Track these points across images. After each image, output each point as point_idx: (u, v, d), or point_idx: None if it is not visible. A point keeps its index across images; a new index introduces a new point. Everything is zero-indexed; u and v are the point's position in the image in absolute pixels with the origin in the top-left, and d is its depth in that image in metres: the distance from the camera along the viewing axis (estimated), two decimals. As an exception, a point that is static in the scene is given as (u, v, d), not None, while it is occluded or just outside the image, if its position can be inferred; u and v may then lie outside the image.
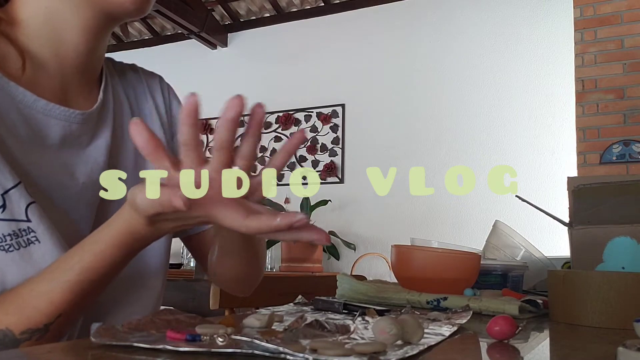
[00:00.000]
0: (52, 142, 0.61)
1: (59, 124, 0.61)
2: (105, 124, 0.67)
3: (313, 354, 0.34)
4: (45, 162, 0.60)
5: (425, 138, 3.76)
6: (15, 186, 0.55)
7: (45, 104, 0.60)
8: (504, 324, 0.47)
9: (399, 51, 3.94)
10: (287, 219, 0.45)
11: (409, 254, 0.84)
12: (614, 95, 3.12)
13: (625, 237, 0.71)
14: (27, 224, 0.56)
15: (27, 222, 0.56)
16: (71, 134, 0.63)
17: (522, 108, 3.54)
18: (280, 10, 4.35)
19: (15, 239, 0.55)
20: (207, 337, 0.40)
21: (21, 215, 0.56)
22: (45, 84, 0.62)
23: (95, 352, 0.39)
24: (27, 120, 0.59)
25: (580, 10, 3.24)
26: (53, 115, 0.61)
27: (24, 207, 0.56)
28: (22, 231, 0.56)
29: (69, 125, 0.62)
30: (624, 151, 3.04)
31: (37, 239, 0.57)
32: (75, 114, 0.63)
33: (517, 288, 0.94)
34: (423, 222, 3.65)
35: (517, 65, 3.59)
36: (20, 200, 0.56)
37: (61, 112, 0.62)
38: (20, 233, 0.55)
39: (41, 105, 0.60)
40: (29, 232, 0.56)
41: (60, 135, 0.62)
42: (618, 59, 3.13)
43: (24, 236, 0.56)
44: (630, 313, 0.56)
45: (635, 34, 3.11)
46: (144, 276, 0.71)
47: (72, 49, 0.63)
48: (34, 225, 0.56)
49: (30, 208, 0.56)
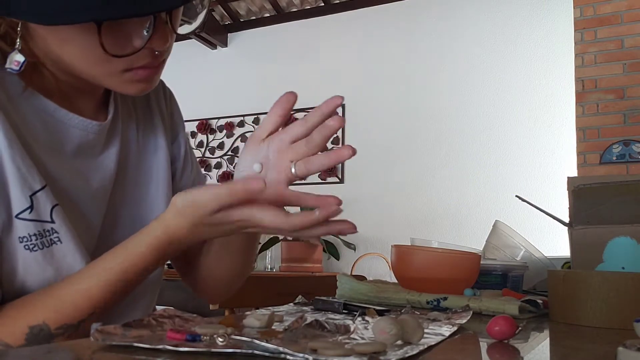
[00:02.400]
0: (69, 149, 0.64)
1: (76, 132, 0.64)
2: (116, 133, 0.70)
3: (313, 354, 0.34)
4: (63, 168, 0.62)
5: (425, 138, 3.76)
6: (42, 188, 0.58)
7: (65, 113, 0.63)
8: (504, 324, 0.47)
9: (399, 51, 3.94)
10: (325, 211, 0.49)
11: (409, 254, 0.84)
12: (614, 95, 3.12)
13: (625, 237, 0.71)
14: (51, 225, 0.58)
15: (52, 224, 0.58)
16: (87, 143, 0.65)
17: (522, 108, 3.54)
18: (280, 10, 4.35)
19: (40, 239, 0.57)
20: (207, 337, 0.40)
21: (46, 216, 0.58)
22: (60, 93, 0.64)
23: (95, 352, 0.39)
24: (48, 127, 0.62)
25: (580, 10, 3.24)
26: (72, 124, 0.63)
27: (50, 208, 0.58)
28: (47, 232, 0.58)
29: (86, 134, 0.65)
30: (624, 151, 3.04)
31: (60, 239, 0.59)
32: (93, 125, 0.65)
33: (517, 288, 0.94)
34: (423, 222, 3.65)
35: (517, 65, 3.59)
36: (46, 202, 0.58)
37: (80, 122, 0.64)
38: (45, 233, 0.58)
39: (62, 115, 0.62)
40: (52, 232, 0.58)
41: (77, 143, 0.64)
42: (618, 59, 3.13)
43: (47, 236, 0.58)
44: (630, 313, 0.56)
45: (635, 34, 3.11)
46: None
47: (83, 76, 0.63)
48: (57, 227, 0.58)
49: (55, 210, 0.58)
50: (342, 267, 3.86)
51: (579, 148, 3.17)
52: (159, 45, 0.57)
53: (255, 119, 4.28)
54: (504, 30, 3.66)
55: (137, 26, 0.56)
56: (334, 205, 0.49)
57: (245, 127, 4.31)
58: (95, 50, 0.54)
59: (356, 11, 4.11)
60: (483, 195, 3.53)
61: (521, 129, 3.52)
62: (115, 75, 0.58)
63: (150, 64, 0.59)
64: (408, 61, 3.90)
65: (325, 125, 0.56)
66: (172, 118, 0.80)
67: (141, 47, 0.56)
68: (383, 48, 3.99)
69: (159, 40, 0.57)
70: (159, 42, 0.57)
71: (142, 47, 0.56)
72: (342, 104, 0.59)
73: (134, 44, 0.56)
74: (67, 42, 0.55)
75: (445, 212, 3.62)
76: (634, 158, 3.01)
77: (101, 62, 0.56)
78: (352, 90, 4.01)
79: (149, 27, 0.55)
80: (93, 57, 0.56)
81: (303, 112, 4.16)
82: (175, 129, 0.80)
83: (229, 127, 4.33)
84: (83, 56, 0.56)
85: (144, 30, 0.56)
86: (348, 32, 4.12)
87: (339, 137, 4.02)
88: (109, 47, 0.54)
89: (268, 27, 4.42)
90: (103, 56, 0.55)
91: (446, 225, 3.60)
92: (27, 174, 0.57)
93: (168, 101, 0.80)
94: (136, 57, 0.57)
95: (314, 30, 4.24)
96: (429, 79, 3.81)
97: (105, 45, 0.53)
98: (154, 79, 0.62)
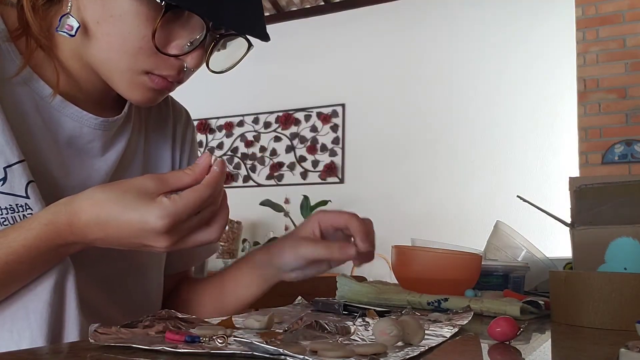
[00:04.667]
0: (60, 138, 0.62)
1: (69, 122, 0.62)
2: (123, 137, 0.68)
3: (313, 356, 0.34)
4: (50, 153, 0.61)
5: (426, 138, 3.76)
6: (19, 162, 0.56)
7: (60, 100, 0.61)
8: (505, 325, 0.46)
9: (399, 51, 3.93)
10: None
11: (409, 254, 0.84)
12: (616, 95, 3.11)
13: (627, 238, 0.70)
14: (25, 200, 0.56)
15: (26, 199, 0.56)
16: (81, 136, 0.63)
17: (523, 108, 3.53)
18: (280, 10, 4.35)
19: (12, 213, 0.55)
20: (206, 338, 0.40)
21: (21, 191, 0.56)
22: (63, 78, 0.62)
23: (94, 353, 0.38)
24: (40, 111, 0.60)
25: (582, 9, 3.23)
26: (65, 113, 0.62)
27: (25, 183, 0.56)
28: (20, 207, 0.56)
29: (80, 127, 0.63)
30: (626, 151, 3.03)
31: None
32: (89, 117, 0.63)
33: (518, 289, 0.93)
34: (423, 223, 3.65)
35: (519, 64, 3.58)
36: (22, 176, 0.56)
37: (74, 112, 0.62)
38: (18, 209, 0.55)
39: (55, 102, 0.61)
40: (26, 208, 0.56)
41: (69, 134, 0.63)
42: (620, 58, 3.12)
43: (20, 212, 0.55)
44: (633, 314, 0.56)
45: (637, 33, 3.10)
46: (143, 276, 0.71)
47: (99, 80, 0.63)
48: (32, 203, 0.56)
49: (30, 186, 0.56)
50: (342, 267, 3.85)
51: (580, 148, 3.16)
52: (192, 63, 0.58)
53: (254, 119, 4.28)
54: (505, 29, 3.65)
55: (185, 35, 0.56)
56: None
57: (245, 127, 4.31)
58: (136, 38, 0.55)
59: (356, 10, 4.11)
60: (484, 196, 3.52)
61: (522, 129, 3.52)
62: (133, 73, 0.58)
63: (171, 76, 0.59)
64: (408, 61, 3.89)
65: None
66: (191, 147, 0.79)
67: (178, 55, 0.56)
68: (383, 48, 3.98)
69: (195, 59, 0.58)
70: (193, 61, 0.58)
71: (178, 55, 0.56)
72: (342, 104, 0.59)
73: (172, 50, 0.57)
74: (113, 19, 0.55)
75: (446, 212, 3.62)
76: (636, 158, 3.00)
77: (133, 53, 0.56)
78: (352, 90, 4.00)
79: (194, 41, 0.56)
80: (129, 44, 0.55)
81: (303, 112, 4.16)
82: (189, 152, 0.79)
83: (229, 127, 4.33)
84: (120, 40, 0.56)
85: (187, 43, 0.57)
86: (348, 31, 4.11)
87: (339, 137, 4.01)
88: (155, 38, 0.54)
89: (268, 27, 4.39)
90: (138, 47, 0.55)
91: (447, 226, 3.59)
92: (4, 146, 0.55)
93: (190, 131, 0.80)
94: (164, 64, 0.58)
95: (314, 30, 4.24)
96: (430, 78, 3.81)
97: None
98: (163, 93, 0.62)
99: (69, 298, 0.58)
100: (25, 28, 0.58)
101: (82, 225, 0.52)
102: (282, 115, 4.20)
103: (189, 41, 0.57)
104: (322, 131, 4.08)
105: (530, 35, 3.58)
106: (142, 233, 0.50)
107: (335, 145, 4.03)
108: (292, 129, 4.18)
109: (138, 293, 0.71)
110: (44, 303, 0.56)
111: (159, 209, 0.49)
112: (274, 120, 4.24)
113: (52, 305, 0.56)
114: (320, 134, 4.09)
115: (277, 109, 4.22)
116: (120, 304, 0.67)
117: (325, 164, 4.03)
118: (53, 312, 0.56)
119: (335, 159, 4.02)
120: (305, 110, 4.17)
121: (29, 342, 0.55)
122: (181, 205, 0.50)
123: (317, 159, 4.08)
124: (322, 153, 4.07)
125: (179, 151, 0.77)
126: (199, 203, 0.51)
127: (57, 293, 0.57)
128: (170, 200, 0.50)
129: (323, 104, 4.09)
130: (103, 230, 0.51)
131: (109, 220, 0.51)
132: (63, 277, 0.57)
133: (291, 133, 4.18)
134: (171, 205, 0.50)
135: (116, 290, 0.68)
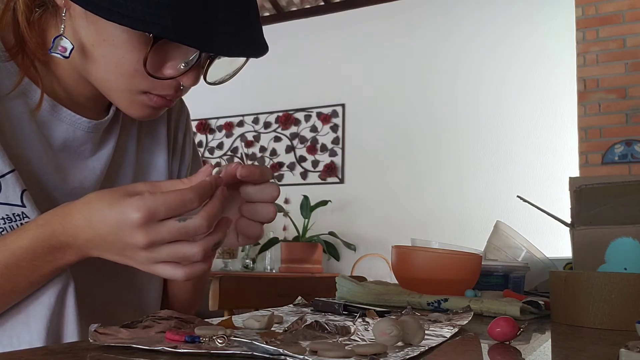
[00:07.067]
0: (56, 142, 0.62)
1: (63, 126, 0.63)
2: (112, 136, 0.68)
3: (313, 356, 0.34)
4: (45, 159, 0.61)
5: (426, 138, 3.75)
6: (11, 171, 0.56)
7: (53, 105, 0.62)
8: (505, 326, 0.46)
9: (399, 51, 3.93)
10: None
11: (409, 254, 0.84)
12: (616, 95, 3.11)
13: (627, 238, 0.70)
14: (21, 209, 0.56)
15: (22, 207, 0.56)
16: (75, 139, 0.64)
17: (523, 108, 3.53)
18: (280, 10, 4.35)
19: (9, 223, 0.55)
20: (206, 338, 0.40)
21: (16, 200, 0.56)
22: (59, 88, 0.63)
23: (94, 353, 0.38)
24: (35, 119, 0.60)
25: (582, 9, 3.23)
26: (59, 117, 0.62)
27: (19, 192, 0.56)
28: (16, 216, 0.56)
29: (74, 130, 0.63)
30: (626, 151, 3.03)
31: None
32: (82, 121, 0.64)
33: (518, 289, 0.93)
34: (423, 223, 3.65)
35: (518, 64, 3.58)
36: (15, 185, 0.56)
37: (67, 116, 0.63)
38: (14, 218, 0.56)
39: (49, 107, 0.61)
40: (22, 217, 0.56)
41: (64, 137, 0.63)
42: (620, 58, 3.12)
43: (17, 221, 0.56)
44: (633, 314, 0.56)
45: (637, 33, 3.10)
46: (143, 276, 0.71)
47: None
48: (29, 211, 0.56)
49: (25, 194, 0.57)
50: (342, 267, 3.85)
51: (580, 148, 3.16)
52: (188, 82, 0.58)
53: (254, 119, 4.28)
54: (504, 29, 3.65)
55: (179, 56, 0.57)
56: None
57: (245, 127, 4.30)
58: (130, 62, 0.55)
59: (356, 10, 4.11)
60: (484, 196, 3.52)
61: (522, 129, 3.52)
62: (131, 93, 0.59)
63: (169, 95, 0.60)
64: (408, 61, 3.89)
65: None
66: (184, 137, 0.79)
67: (173, 77, 0.57)
68: (383, 48, 3.98)
69: (191, 79, 0.58)
70: (189, 80, 0.58)
71: (173, 77, 0.57)
72: (342, 104, 0.59)
73: (167, 71, 0.57)
74: (107, 43, 0.55)
75: (446, 212, 3.61)
76: (636, 158, 3.00)
77: (128, 75, 0.57)
78: (352, 90, 4.00)
79: (188, 62, 0.57)
80: (124, 67, 0.56)
81: (303, 112, 4.17)
82: (184, 150, 0.79)
83: (229, 127, 4.33)
84: (114, 63, 0.56)
85: (182, 64, 0.57)
86: (348, 31, 4.11)
87: (339, 137, 4.01)
88: (147, 65, 0.54)
89: (268, 27, 4.42)
90: (133, 70, 0.56)
91: (447, 226, 3.59)
92: None
93: (184, 118, 0.80)
94: (161, 85, 0.58)
95: (314, 30, 4.24)
96: (430, 78, 3.81)
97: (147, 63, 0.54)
98: (162, 110, 0.63)
99: (68, 304, 0.58)
100: (21, 44, 0.58)
101: (73, 224, 0.51)
102: (282, 115, 4.20)
103: (183, 62, 0.57)
104: (322, 131, 4.08)
105: (531, 36, 3.58)
106: (120, 227, 0.49)
107: (335, 145, 4.03)
108: (292, 129, 4.18)
109: (135, 305, 0.71)
110: (45, 308, 0.56)
111: (136, 200, 0.48)
112: (274, 120, 4.23)
113: (52, 311, 0.56)
114: (320, 134, 4.09)
115: (277, 109, 4.22)
116: (122, 312, 0.68)
117: (325, 164, 4.03)
118: (53, 317, 0.57)
119: (335, 159, 4.02)
120: (305, 110, 4.17)
121: (27, 347, 0.55)
122: (160, 200, 0.48)
123: (317, 159, 4.08)
124: (322, 153, 4.07)
125: (173, 139, 0.77)
126: (179, 203, 0.49)
127: (57, 299, 0.57)
128: (151, 194, 0.49)
129: (323, 104, 4.09)
130: (91, 227, 0.51)
131: (94, 214, 0.50)
132: (64, 285, 0.58)
133: (291, 133, 4.18)
134: (149, 197, 0.48)
135: (117, 296, 0.68)
